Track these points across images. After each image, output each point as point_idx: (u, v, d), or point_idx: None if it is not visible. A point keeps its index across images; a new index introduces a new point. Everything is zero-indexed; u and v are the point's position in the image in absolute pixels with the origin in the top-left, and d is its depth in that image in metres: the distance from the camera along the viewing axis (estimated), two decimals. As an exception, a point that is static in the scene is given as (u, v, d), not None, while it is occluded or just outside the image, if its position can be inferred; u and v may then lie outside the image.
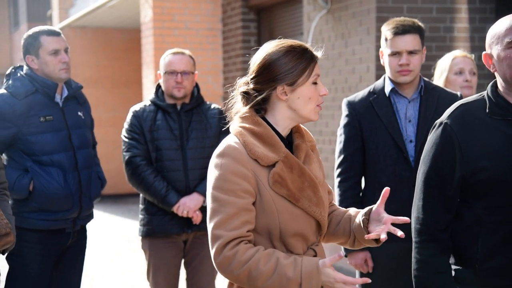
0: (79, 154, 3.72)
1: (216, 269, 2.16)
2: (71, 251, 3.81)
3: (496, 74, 2.33)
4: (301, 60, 2.18)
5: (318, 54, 2.24)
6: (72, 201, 3.66)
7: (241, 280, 2.11)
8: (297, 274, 2.07)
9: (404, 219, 2.19)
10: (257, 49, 2.28)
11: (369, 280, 2.11)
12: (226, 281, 2.29)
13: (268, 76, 2.19)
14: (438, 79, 4.00)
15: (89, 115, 3.96)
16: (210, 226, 2.15)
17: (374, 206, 2.26)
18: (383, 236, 2.14)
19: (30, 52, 3.67)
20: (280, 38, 2.29)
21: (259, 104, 2.23)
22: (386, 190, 2.22)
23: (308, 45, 2.25)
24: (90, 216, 3.88)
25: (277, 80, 2.18)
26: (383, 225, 2.20)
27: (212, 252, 2.14)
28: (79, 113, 3.82)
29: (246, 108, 2.24)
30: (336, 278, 2.08)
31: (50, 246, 3.68)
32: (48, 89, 3.65)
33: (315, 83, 2.21)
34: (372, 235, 2.18)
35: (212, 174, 2.18)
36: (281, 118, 2.23)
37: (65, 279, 3.84)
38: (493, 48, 2.30)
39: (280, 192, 2.16)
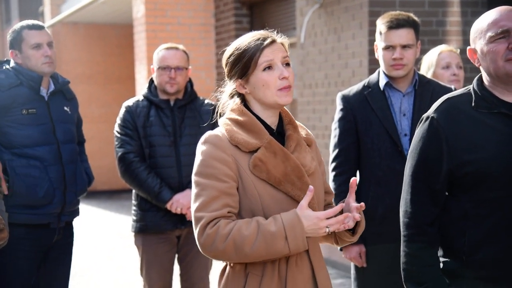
0: (63, 148, 3.69)
1: (201, 250, 2.20)
2: (57, 248, 3.77)
3: (481, 68, 2.35)
4: (246, 51, 2.24)
5: (274, 39, 2.26)
6: (54, 195, 3.62)
7: (228, 252, 2.15)
8: (280, 227, 2.12)
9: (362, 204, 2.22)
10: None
11: (351, 225, 2.15)
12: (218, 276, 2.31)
13: (228, 73, 2.31)
14: (426, 74, 4.02)
15: (76, 111, 3.92)
16: (192, 209, 2.22)
17: (345, 199, 2.29)
18: (350, 223, 2.18)
19: (14, 46, 3.66)
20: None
21: (240, 96, 2.33)
22: (353, 180, 2.26)
23: (261, 33, 2.29)
24: (75, 212, 3.84)
25: (232, 76, 2.30)
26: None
27: (195, 233, 2.19)
28: (65, 108, 3.78)
29: (228, 102, 2.35)
30: (318, 216, 2.14)
31: (35, 242, 3.64)
32: (33, 82, 3.62)
33: (268, 68, 2.24)
34: (344, 226, 2.20)
35: (196, 160, 2.26)
36: (257, 108, 2.31)
37: (52, 278, 3.80)
38: (477, 42, 2.32)
39: (261, 175, 2.20)
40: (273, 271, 2.22)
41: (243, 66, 2.25)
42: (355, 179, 2.25)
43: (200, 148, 2.25)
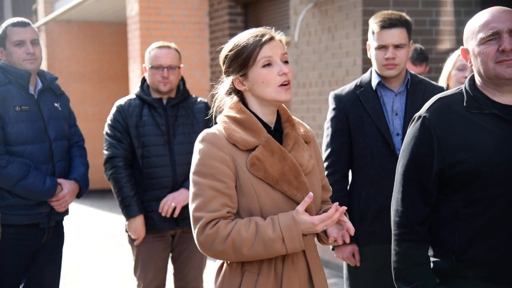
0: (55, 145, 3.69)
1: (199, 248, 2.23)
2: (47, 248, 3.76)
3: (473, 68, 2.36)
4: (245, 47, 2.25)
5: (272, 36, 2.28)
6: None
7: (227, 253, 2.18)
8: (277, 231, 2.16)
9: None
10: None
11: (342, 211, 2.22)
12: (214, 274, 2.32)
13: (225, 70, 2.32)
14: (443, 73, 4.08)
15: (67, 107, 3.92)
16: (191, 209, 2.23)
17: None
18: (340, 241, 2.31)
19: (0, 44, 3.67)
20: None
21: (239, 93, 2.33)
22: (342, 208, 2.26)
23: (259, 30, 2.30)
24: (65, 211, 3.82)
25: (230, 73, 2.29)
26: (343, 230, 2.31)
27: (194, 233, 2.21)
28: (56, 105, 3.78)
29: (225, 99, 2.35)
30: (313, 221, 2.18)
31: (25, 242, 3.64)
32: (22, 80, 3.61)
33: (267, 65, 2.25)
34: (331, 239, 2.31)
35: (193, 159, 2.27)
36: (255, 105, 2.31)
37: (43, 277, 3.79)
38: (469, 43, 2.33)
39: (258, 174, 2.21)
40: (269, 269, 2.24)
41: (242, 62, 2.25)
42: (344, 208, 2.24)
43: (198, 146, 2.25)
